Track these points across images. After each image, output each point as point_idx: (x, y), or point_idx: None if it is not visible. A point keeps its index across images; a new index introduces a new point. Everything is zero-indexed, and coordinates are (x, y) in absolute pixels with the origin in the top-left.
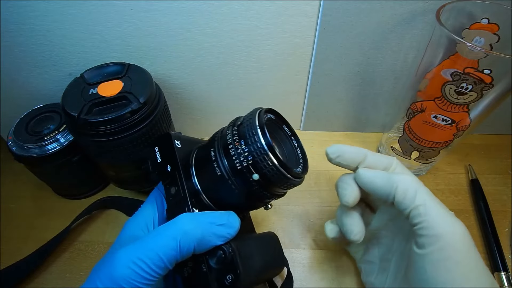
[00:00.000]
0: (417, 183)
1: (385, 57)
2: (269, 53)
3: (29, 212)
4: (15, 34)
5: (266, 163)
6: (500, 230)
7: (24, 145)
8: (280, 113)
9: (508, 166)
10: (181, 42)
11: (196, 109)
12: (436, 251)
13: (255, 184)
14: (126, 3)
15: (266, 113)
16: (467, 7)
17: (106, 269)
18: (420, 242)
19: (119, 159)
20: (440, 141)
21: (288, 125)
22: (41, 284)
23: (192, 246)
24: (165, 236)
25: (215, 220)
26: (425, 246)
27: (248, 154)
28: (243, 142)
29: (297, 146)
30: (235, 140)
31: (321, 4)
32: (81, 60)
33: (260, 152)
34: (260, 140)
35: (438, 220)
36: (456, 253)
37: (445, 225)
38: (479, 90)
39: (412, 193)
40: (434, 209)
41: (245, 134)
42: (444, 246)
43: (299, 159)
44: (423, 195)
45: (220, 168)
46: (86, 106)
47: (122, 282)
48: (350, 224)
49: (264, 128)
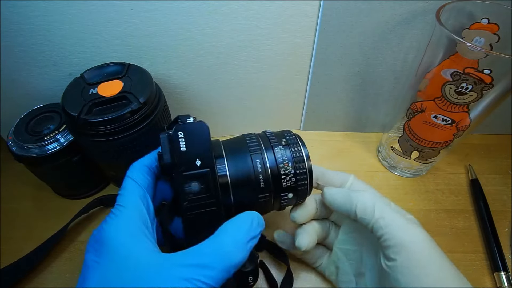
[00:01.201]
0: (374, 197)
1: (385, 57)
2: (269, 53)
3: (29, 212)
4: (15, 34)
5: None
6: (500, 230)
7: (24, 145)
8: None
9: (508, 166)
10: (181, 42)
11: (196, 109)
12: (404, 261)
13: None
14: (126, 3)
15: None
16: (467, 7)
17: None
18: (387, 254)
19: (119, 159)
20: (440, 141)
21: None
22: (41, 284)
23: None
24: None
25: (251, 234)
26: (392, 257)
27: (293, 176)
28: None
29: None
30: (284, 160)
31: (321, 4)
32: (81, 60)
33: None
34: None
35: (398, 230)
36: (421, 258)
37: (405, 233)
38: (479, 90)
39: (370, 208)
40: (393, 220)
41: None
42: (409, 254)
43: None
44: (381, 207)
45: (272, 202)
46: (86, 106)
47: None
48: (301, 234)
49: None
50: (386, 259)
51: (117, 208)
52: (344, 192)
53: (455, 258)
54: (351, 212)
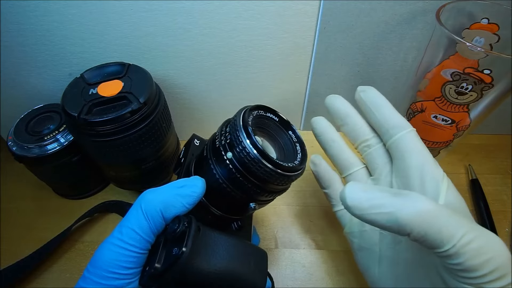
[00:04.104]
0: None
1: (385, 57)
2: (269, 53)
3: (29, 212)
4: (15, 34)
5: (257, 166)
6: (500, 230)
7: (24, 145)
8: (270, 106)
9: (508, 166)
10: (181, 42)
11: (196, 109)
12: None
13: (251, 186)
14: (126, 3)
15: (253, 110)
16: (467, 7)
17: (93, 262)
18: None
19: (119, 159)
20: (440, 141)
21: (281, 118)
22: (41, 284)
23: (158, 211)
24: (131, 209)
25: (176, 184)
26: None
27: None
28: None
29: (294, 138)
30: (224, 145)
31: (321, 4)
32: (81, 60)
33: (249, 157)
34: (246, 143)
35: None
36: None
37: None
38: (479, 90)
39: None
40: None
41: (232, 141)
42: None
43: (296, 150)
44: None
45: (213, 166)
46: (86, 106)
47: (109, 267)
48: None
49: (248, 129)
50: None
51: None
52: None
53: None
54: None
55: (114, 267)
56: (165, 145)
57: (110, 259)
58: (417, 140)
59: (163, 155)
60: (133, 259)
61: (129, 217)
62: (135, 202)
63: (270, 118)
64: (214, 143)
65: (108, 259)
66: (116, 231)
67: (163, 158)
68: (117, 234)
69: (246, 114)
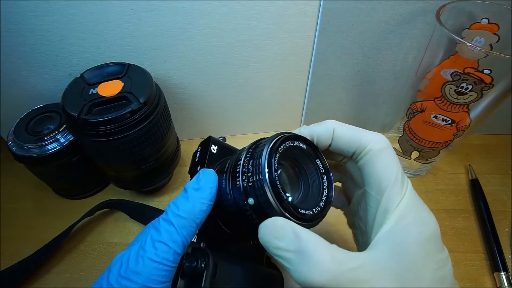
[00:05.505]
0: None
1: (385, 57)
2: (269, 53)
3: (29, 212)
4: (15, 34)
5: (261, 191)
6: (500, 230)
7: (24, 145)
8: (297, 134)
9: (508, 166)
10: (181, 42)
11: (196, 109)
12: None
13: (248, 209)
14: (126, 3)
15: (280, 145)
16: (467, 7)
17: (129, 275)
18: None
19: (119, 159)
20: (440, 141)
21: (323, 161)
22: (41, 284)
23: (190, 221)
24: (162, 223)
25: (191, 185)
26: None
27: (251, 175)
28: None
29: (321, 168)
30: (246, 160)
31: (321, 4)
32: (81, 60)
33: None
34: (272, 200)
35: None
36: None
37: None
38: (479, 90)
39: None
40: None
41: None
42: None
43: (320, 201)
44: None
45: (232, 201)
46: (86, 106)
47: (146, 282)
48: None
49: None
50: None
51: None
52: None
53: (455, 258)
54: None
55: (151, 282)
56: (165, 145)
57: (148, 274)
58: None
59: (163, 155)
60: (166, 273)
61: (161, 231)
62: (164, 216)
63: (298, 146)
64: (235, 179)
65: (147, 274)
66: (149, 245)
67: (163, 158)
68: (151, 249)
69: (272, 153)
